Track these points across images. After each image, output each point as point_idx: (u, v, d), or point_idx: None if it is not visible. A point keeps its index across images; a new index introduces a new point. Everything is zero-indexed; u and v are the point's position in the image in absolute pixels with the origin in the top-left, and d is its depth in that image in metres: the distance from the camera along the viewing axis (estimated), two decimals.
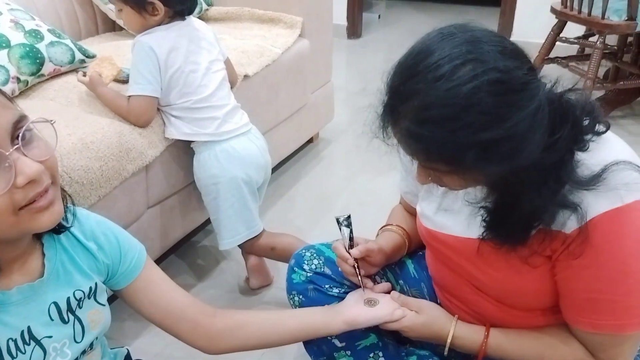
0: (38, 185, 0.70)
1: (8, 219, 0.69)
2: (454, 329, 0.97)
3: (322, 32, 2.36)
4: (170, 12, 1.49)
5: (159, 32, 1.49)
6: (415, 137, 0.76)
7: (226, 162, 1.54)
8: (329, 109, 2.55)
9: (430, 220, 1.01)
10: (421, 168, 0.84)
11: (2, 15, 1.62)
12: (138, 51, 1.47)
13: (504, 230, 0.85)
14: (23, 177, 0.68)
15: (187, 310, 0.97)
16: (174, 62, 1.49)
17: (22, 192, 0.68)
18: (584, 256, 0.82)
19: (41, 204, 0.71)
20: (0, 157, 0.67)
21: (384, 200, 2.02)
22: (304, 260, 1.11)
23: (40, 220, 0.72)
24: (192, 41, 1.53)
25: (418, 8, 4.91)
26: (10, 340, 0.77)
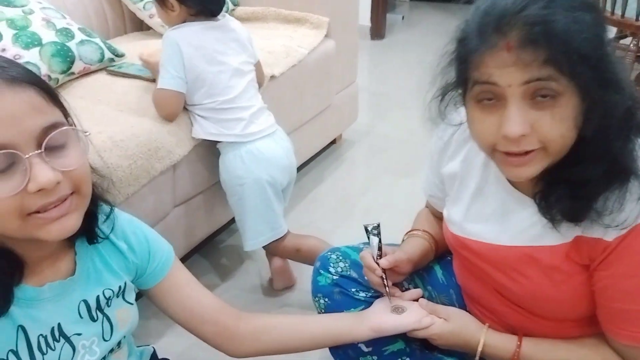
0: (51, 195, 0.69)
1: (14, 221, 0.68)
2: (484, 338, 0.96)
3: (348, 32, 2.35)
4: (191, 11, 1.50)
5: (187, 29, 1.50)
6: (542, 24, 0.70)
7: (251, 163, 1.54)
8: (352, 111, 2.54)
9: (458, 226, 0.99)
10: (520, 106, 0.74)
11: (34, 13, 1.64)
12: (165, 45, 1.48)
13: (576, 192, 0.80)
14: (35, 183, 0.67)
15: (213, 313, 0.97)
16: (200, 62, 1.49)
17: (32, 198, 0.68)
18: (624, 265, 0.80)
19: (52, 214, 0.70)
20: (18, 159, 0.67)
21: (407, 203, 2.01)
22: (330, 262, 1.11)
23: (46, 230, 0.70)
24: (221, 42, 1.53)
25: (442, 9, 4.87)
26: (40, 336, 0.78)
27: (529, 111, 0.74)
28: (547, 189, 0.83)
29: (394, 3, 4.98)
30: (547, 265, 0.86)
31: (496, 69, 0.73)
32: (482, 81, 0.75)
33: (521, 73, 0.72)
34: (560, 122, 0.74)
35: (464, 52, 0.78)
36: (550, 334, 0.94)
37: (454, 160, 1.00)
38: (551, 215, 0.83)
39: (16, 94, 0.67)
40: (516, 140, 0.75)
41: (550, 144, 0.76)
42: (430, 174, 1.09)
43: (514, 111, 0.74)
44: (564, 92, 0.73)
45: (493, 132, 0.77)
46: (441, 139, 1.03)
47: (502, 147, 0.77)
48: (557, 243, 0.85)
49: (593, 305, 0.88)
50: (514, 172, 0.80)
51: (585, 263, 0.84)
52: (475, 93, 0.77)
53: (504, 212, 0.92)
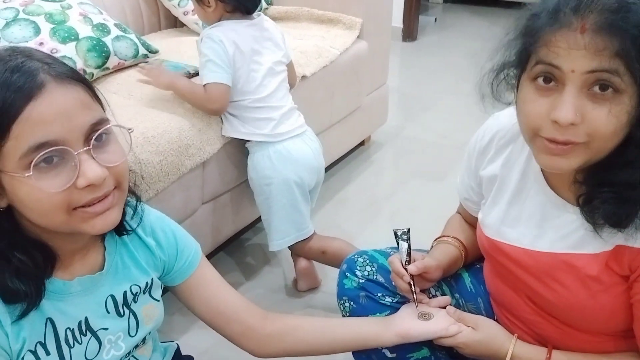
0: (98, 190, 0.71)
1: (60, 215, 0.70)
2: (513, 348, 0.93)
3: (380, 33, 2.33)
4: (228, 7, 1.51)
5: (226, 26, 1.50)
6: (623, 13, 0.69)
7: (279, 163, 1.54)
8: (382, 112, 2.52)
9: (494, 229, 0.97)
10: (577, 94, 0.72)
11: (72, 8, 1.67)
12: (209, 43, 1.48)
13: (619, 195, 0.78)
14: (84, 179, 0.69)
15: (239, 312, 0.97)
16: (237, 59, 1.50)
17: (80, 193, 0.69)
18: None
19: (97, 209, 0.72)
20: (69, 155, 0.69)
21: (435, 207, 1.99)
22: (357, 266, 1.09)
23: (91, 224, 0.72)
24: (257, 40, 1.53)
25: (475, 12, 4.81)
26: (68, 329, 0.79)
27: (584, 101, 0.73)
28: (591, 191, 0.80)
29: (426, 5, 4.94)
30: (585, 273, 0.84)
31: (564, 49, 0.71)
32: (546, 62, 0.73)
33: (588, 60, 0.70)
34: (614, 119, 0.72)
35: (534, 26, 0.75)
36: (582, 347, 0.91)
37: (495, 163, 0.98)
38: (594, 219, 0.80)
39: (66, 90, 0.69)
40: (564, 128, 0.73)
41: (595, 140, 0.74)
42: (467, 176, 1.07)
43: (570, 98, 0.72)
44: (624, 90, 0.71)
45: (542, 114, 0.75)
46: (481, 141, 1.01)
47: (547, 132, 0.75)
48: (597, 252, 0.83)
49: (630, 319, 0.85)
50: (551, 162, 0.78)
51: (625, 274, 0.82)
52: (535, 72, 0.76)
53: (542, 217, 0.90)
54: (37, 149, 0.66)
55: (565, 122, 0.72)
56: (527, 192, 0.93)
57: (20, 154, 0.66)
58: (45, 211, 0.70)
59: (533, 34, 0.75)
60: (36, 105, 0.66)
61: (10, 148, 0.66)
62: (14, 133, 0.66)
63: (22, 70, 0.67)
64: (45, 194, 0.68)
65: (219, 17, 1.52)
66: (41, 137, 0.66)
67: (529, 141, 0.80)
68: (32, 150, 0.66)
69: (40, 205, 0.69)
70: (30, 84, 0.66)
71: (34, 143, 0.66)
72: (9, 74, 0.66)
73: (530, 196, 0.92)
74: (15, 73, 0.67)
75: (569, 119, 0.72)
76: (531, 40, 0.76)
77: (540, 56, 0.74)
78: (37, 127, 0.66)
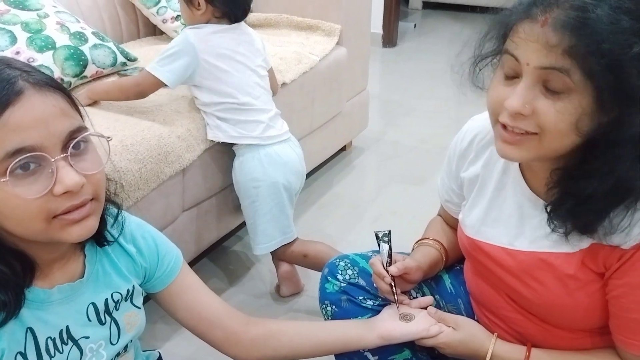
0: (75, 198, 0.70)
1: (39, 224, 0.70)
2: (493, 347, 0.95)
3: (360, 40, 2.35)
4: (217, 12, 1.51)
5: (208, 29, 1.50)
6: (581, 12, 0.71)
7: (269, 166, 1.55)
8: (363, 118, 2.54)
9: (475, 229, 0.98)
10: (530, 86, 0.75)
11: (49, 17, 1.66)
12: (180, 41, 1.48)
13: (581, 206, 0.80)
14: (61, 186, 0.68)
15: (221, 317, 0.97)
16: (220, 60, 1.50)
17: (57, 200, 0.69)
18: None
19: (74, 216, 0.71)
20: (46, 162, 0.68)
21: (417, 211, 2.01)
22: (338, 270, 1.10)
23: (69, 232, 0.72)
24: (239, 43, 1.55)
25: (454, 17, 4.87)
26: (49, 339, 0.78)
27: (537, 94, 0.76)
28: (558, 200, 0.83)
29: (406, 11, 4.99)
30: (562, 272, 0.86)
31: (523, 40, 0.75)
32: (509, 52, 0.77)
33: (541, 56, 0.73)
34: (561, 115, 0.75)
35: (508, 15, 0.79)
36: (561, 344, 0.93)
37: (475, 165, 1.00)
38: (559, 226, 0.83)
39: (45, 97, 0.69)
40: (514, 116, 0.77)
41: (545, 134, 0.76)
42: (447, 178, 1.09)
43: (522, 89, 0.76)
44: (576, 89, 0.73)
45: (501, 101, 0.79)
46: (461, 143, 1.03)
47: (502, 118, 0.79)
48: (573, 250, 0.85)
49: (606, 315, 0.87)
50: (503, 150, 0.81)
51: (600, 271, 0.84)
52: (502, 61, 0.80)
53: (521, 217, 0.92)
54: (13, 155, 0.66)
55: (512, 110, 0.76)
56: (507, 193, 0.94)
57: None
58: (22, 219, 0.69)
59: (508, 20, 0.79)
60: (14, 112, 0.66)
61: None
62: None
63: (0, 78, 0.67)
64: (22, 201, 0.67)
65: (206, 21, 1.53)
66: (18, 143, 0.66)
67: (492, 126, 0.84)
68: (8, 156, 0.66)
69: (17, 212, 0.68)
70: (8, 90, 0.66)
71: (11, 149, 0.66)
72: None
73: (510, 196, 0.94)
74: None
75: (516, 108, 0.76)
76: (506, 25, 0.80)
77: (508, 44, 0.78)
78: (14, 133, 0.66)
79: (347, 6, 2.21)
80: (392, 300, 1.01)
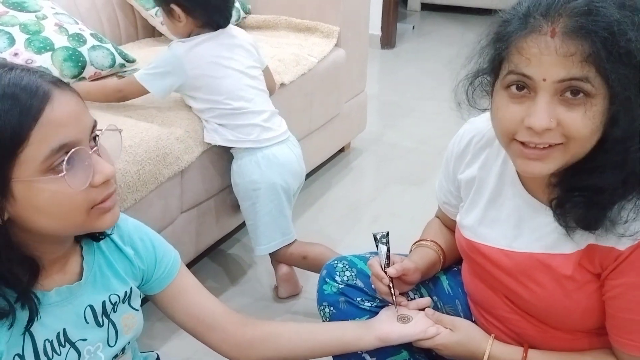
0: (110, 186, 0.74)
1: (81, 215, 0.73)
2: (490, 349, 0.95)
3: (358, 41, 2.35)
4: (198, 22, 1.52)
5: (191, 43, 1.51)
6: (591, 15, 0.70)
7: (267, 168, 1.55)
8: (361, 119, 2.54)
9: (472, 231, 0.98)
10: (549, 100, 0.74)
11: (47, 19, 1.66)
12: (169, 56, 1.50)
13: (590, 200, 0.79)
14: (101, 175, 0.72)
15: (219, 319, 0.97)
16: (206, 70, 1.51)
17: (96, 191, 0.73)
18: (636, 275, 0.79)
19: (109, 204, 0.75)
20: (83, 154, 0.71)
21: (415, 212, 2.01)
22: (336, 271, 1.10)
23: (104, 220, 0.75)
24: (227, 48, 1.55)
25: (453, 19, 4.87)
26: (46, 341, 0.79)
27: (557, 106, 0.74)
28: (563, 195, 0.83)
29: (404, 13, 4.99)
30: (559, 273, 0.86)
31: (536, 56, 0.73)
32: (518, 72, 0.75)
33: (559, 68, 0.72)
34: (589, 121, 0.74)
35: (505, 32, 0.77)
36: (558, 345, 0.93)
37: (472, 167, 1.00)
38: (566, 222, 0.82)
39: (68, 94, 0.72)
40: (540, 133, 0.75)
41: (572, 141, 0.76)
42: (445, 180, 1.09)
43: (544, 105, 0.74)
44: (595, 94, 0.73)
45: (517, 120, 0.77)
46: (458, 145, 1.03)
47: (523, 137, 0.77)
48: (571, 251, 0.85)
49: (603, 316, 0.87)
50: (529, 167, 0.79)
51: (597, 272, 0.84)
52: (508, 81, 0.77)
53: (518, 218, 0.92)
54: (58, 151, 0.68)
55: (540, 129, 0.74)
56: (505, 195, 0.95)
57: (41, 158, 0.68)
58: (67, 212, 0.71)
59: (505, 40, 0.77)
60: (53, 110, 0.68)
61: (30, 154, 0.67)
62: (34, 138, 0.67)
63: (27, 79, 0.69)
64: (68, 195, 0.70)
65: (189, 31, 1.54)
66: (61, 140, 0.69)
67: (505, 147, 0.82)
68: (54, 153, 0.68)
69: (63, 207, 0.71)
70: (39, 91, 0.68)
71: (56, 145, 0.68)
72: (18, 81, 0.68)
73: (507, 199, 0.94)
74: (22, 80, 0.68)
75: (544, 125, 0.74)
76: (503, 46, 0.77)
77: (512, 64, 0.76)
78: (56, 129, 0.68)
79: (345, 8, 2.21)
80: (390, 301, 1.01)
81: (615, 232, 0.78)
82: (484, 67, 0.83)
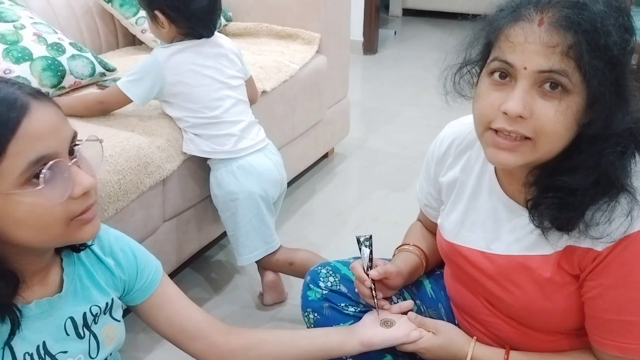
0: (89, 198, 0.74)
1: (60, 228, 0.72)
2: (472, 351, 0.96)
3: (339, 48, 2.37)
4: (181, 31, 1.52)
5: (173, 49, 1.51)
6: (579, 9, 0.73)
7: (243, 178, 1.55)
8: (344, 125, 2.55)
9: (453, 233, 0.99)
10: (527, 89, 0.76)
11: (25, 28, 1.65)
12: (150, 61, 1.50)
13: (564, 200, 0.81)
14: (80, 187, 0.71)
15: (202, 328, 0.97)
16: (186, 77, 1.51)
17: (76, 202, 0.72)
18: (613, 275, 0.81)
19: (89, 215, 0.74)
20: (63, 167, 0.70)
21: (398, 217, 2.02)
22: (320, 277, 1.11)
23: (84, 232, 0.75)
24: (210, 57, 1.55)
25: (434, 24, 4.92)
26: (26, 354, 0.78)
27: (534, 97, 0.76)
28: (538, 196, 0.84)
29: (386, 18, 5.03)
30: (539, 275, 0.87)
31: (520, 43, 0.75)
32: (501, 59, 0.77)
33: (540, 59, 0.74)
34: (561, 117, 0.76)
35: (497, 19, 0.79)
36: (539, 346, 0.94)
37: (454, 169, 1.01)
38: (541, 223, 0.84)
39: (47, 105, 0.71)
40: (513, 119, 0.76)
41: (542, 137, 0.77)
42: (426, 184, 1.10)
43: (521, 92, 0.76)
44: (573, 91, 0.75)
45: (495, 107, 0.78)
46: (439, 148, 1.04)
47: (497, 124, 0.78)
48: (549, 253, 0.86)
49: (582, 317, 0.88)
50: (498, 156, 0.81)
51: (575, 273, 0.85)
52: (492, 68, 0.79)
53: (497, 220, 0.93)
54: (36, 164, 0.68)
55: (514, 113, 0.76)
56: (483, 196, 0.96)
57: (19, 171, 0.67)
58: (46, 225, 0.71)
59: (495, 25, 0.79)
60: (30, 122, 0.68)
61: (7, 167, 0.67)
62: (11, 150, 0.66)
63: (5, 91, 0.68)
64: (47, 207, 0.69)
65: (172, 37, 1.54)
66: (39, 152, 0.68)
67: (480, 135, 0.84)
68: (31, 165, 0.68)
69: (42, 220, 0.70)
70: (17, 103, 0.68)
71: (34, 158, 0.68)
72: None
73: (486, 200, 0.95)
74: (0, 92, 0.68)
75: (517, 111, 0.75)
76: (493, 32, 0.80)
77: (499, 50, 0.78)
78: (34, 142, 0.68)
79: (326, 15, 2.22)
80: (372, 304, 1.02)
81: (589, 234, 0.80)
82: (473, 57, 0.86)
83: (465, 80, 0.88)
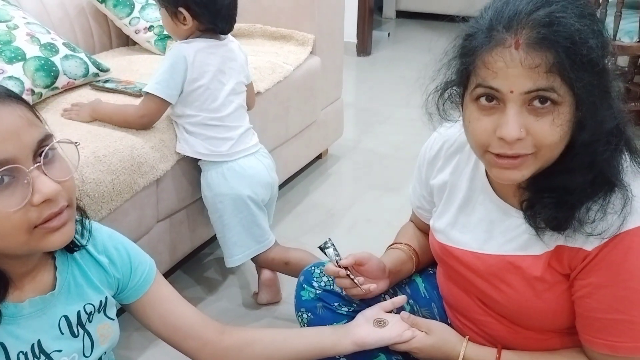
0: (54, 205, 0.71)
1: (21, 236, 0.70)
2: (464, 351, 0.96)
3: (333, 49, 2.37)
4: (201, 27, 1.52)
5: (197, 44, 1.51)
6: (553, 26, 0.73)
7: (233, 180, 1.56)
8: (338, 126, 2.56)
9: (445, 235, 1.00)
10: (518, 111, 0.76)
11: (18, 28, 1.65)
12: (172, 55, 1.49)
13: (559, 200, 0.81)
14: (40, 195, 0.68)
15: (196, 327, 0.97)
16: (202, 76, 1.51)
17: (37, 210, 0.69)
18: (602, 275, 0.82)
19: (54, 224, 0.71)
20: (20, 173, 0.68)
21: (391, 218, 2.02)
22: (314, 277, 1.11)
23: (50, 240, 0.72)
24: (223, 61, 1.55)
25: (428, 26, 4.93)
26: (20, 353, 0.78)
27: (526, 116, 0.77)
28: (533, 197, 0.85)
29: (380, 20, 5.04)
30: (530, 274, 0.88)
31: (502, 69, 0.75)
32: (486, 85, 0.77)
33: (525, 80, 0.74)
34: (558, 128, 0.77)
35: (471, 46, 0.79)
36: (531, 345, 0.95)
37: (444, 172, 1.02)
38: (536, 223, 0.85)
39: (11, 109, 0.69)
40: (511, 143, 0.77)
41: (542, 150, 0.78)
42: (418, 185, 1.11)
43: (513, 116, 0.76)
44: (561, 102, 0.76)
45: (489, 132, 0.79)
46: (430, 151, 1.05)
47: (495, 149, 0.79)
48: (540, 253, 0.87)
49: (573, 316, 0.89)
50: (504, 175, 0.82)
51: (566, 272, 0.86)
52: (477, 94, 0.79)
53: (490, 222, 0.94)
54: None
55: (511, 139, 0.76)
56: (476, 199, 0.97)
57: None
58: (4, 233, 0.69)
59: (470, 54, 0.79)
60: None
61: None
62: None
63: None
64: (2, 215, 0.67)
65: (190, 34, 1.54)
66: None
67: (480, 157, 0.84)
68: None
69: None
70: None
71: None
72: None
73: (479, 203, 0.96)
74: None
75: (515, 136, 0.76)
76: (469, 60, 0.79)
77: (480, 78, 0.78)
78: None
79: (320, 16, 2.23)
80: (357, 293, 1.01)
81: (583, 231, 0.81)
82: (453, 79, 0.85)
83: (448, 104, 0.89)
